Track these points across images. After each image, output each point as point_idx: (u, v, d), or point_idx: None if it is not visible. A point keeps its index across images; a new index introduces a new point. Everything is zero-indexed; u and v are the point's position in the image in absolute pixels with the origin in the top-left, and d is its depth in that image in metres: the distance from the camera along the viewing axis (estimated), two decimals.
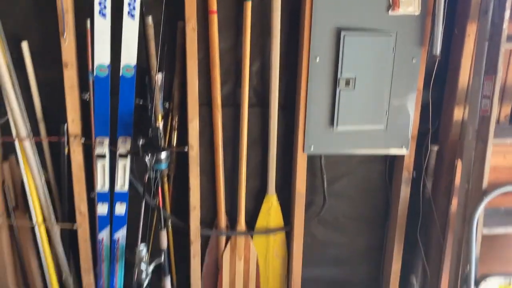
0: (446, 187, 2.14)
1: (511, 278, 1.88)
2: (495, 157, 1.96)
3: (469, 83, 2.02)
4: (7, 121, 1.94)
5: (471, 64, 1.99)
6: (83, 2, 1.87)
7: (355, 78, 1.96)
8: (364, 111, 2.01)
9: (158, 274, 2.17)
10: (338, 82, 1.95)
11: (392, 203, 2.25)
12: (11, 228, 2.08)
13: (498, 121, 2.11)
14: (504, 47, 1.72)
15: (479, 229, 1.89)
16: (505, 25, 1.70)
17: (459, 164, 2.06)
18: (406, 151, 2.10)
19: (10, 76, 1.86)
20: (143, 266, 2.03)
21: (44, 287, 2.15)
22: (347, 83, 1.96)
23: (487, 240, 2.10)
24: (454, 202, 2.09)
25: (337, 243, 2.33)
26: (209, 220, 2.23)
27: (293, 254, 2.23)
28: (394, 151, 2.11)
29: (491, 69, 1.77)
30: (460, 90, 2.04)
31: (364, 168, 2.24)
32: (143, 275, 2.05)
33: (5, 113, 1.94)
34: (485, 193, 1.85)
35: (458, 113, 2.07)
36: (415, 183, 2.18)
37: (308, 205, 2.23)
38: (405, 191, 2.16)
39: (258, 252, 2.25)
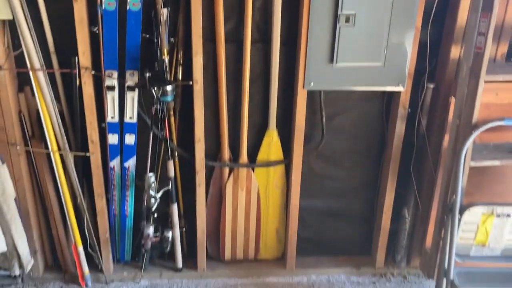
0: (440, 124, 2.23)
1: (493, 207, 2.00)
2: (487, 95, 2.04)
3: (467, 22, 2.06)
4: (22, 54, 2.03)
5: (470, 3, 2.02)
6: None
7: (355, 15, 2.01)
8: (363, 48, 2.07)
9: (166, 202, 2.34)
10: (338, 19, 2.01)
11: (388, 139, 2.35)
12: (28, 155, 2.23)
13: (494, 60, 2.17)
14: None
15: (467, 161, 2.00)
16: None
17: (453, 102, 2.14)
18: (402, 88, 2.18)
19: (23, 9, 1.94)
20: (152, 192, 2.20)
21: (61, 210, 2.32)
22: (347, 19, 2.01)
23: (476, 174, 2.21)
24: (447, 138, 2.19)
25: (334, 176, 2.46)
26: (213, 152, 2.35)
27: (291, 186, 2.36)
28: (391, 88, 2.18)
29: (488, 6, 1.81)
30: (458, 29, 2.08)
31: (362, 105, 2.32)
32: (152, 200, 2.22)
33: (19, 46, 2.03)
34: (474, 127, 1.94)
35: (455, 52, 2.13)
36: (411, 119, 2.27)
37: (307, 140, 2.34)
38: (400, 127, 2.26)
39: (259, 183, 2.39)
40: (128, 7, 1.98)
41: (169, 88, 2.03)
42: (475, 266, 2.15)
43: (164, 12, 2.01)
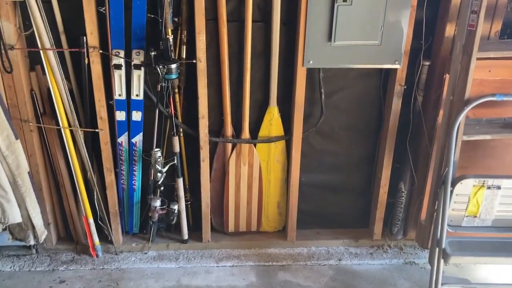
0: (435, 100, 2.31)
1: (484, 179, 2.09)
2: (480, 71, 2.11)
3: (461, 1, 2.11)
4: (32, 34, 2.12)
5: None
6: None
7: None
8: (360, 26, 2.14)
9: (172, 177, 2.45)
10: None
11: (385, 115, 2.44)
12: (40, 132, 2.34)
13: (488, 37, 2.23)
14: None
15: (459, 135, 2.08)
16: None
17: (447, 78, 2.21)
18: (399, 66, 2.25)
19: None
20: (158, 166, 2.30)
21: (72, 184, 2.43)
22: None
23: (470, 149, 2.30)
24: (442, 114, 2.26)
25: (333, 151, 2.55)
26: (216, 128, 2.45)
27: (292, 160, 2.46)
28: (387, 65, 2.26)
29: None
30: (453, 7, 2.14)
31: (360, 82, 2.40)
32: (159, 174, 2.33)
33: (30, 26, 2.12)
34: (467, 102, 2.02)
35: (450, 30, 2.19)
36: (407, 96, 2.35)
37: (307, 116, 2.43)
38: (396, 104, 2.34)
39: (261, 158, 2.49)
40: None
41: (173, 66, 2.12)
42: (466, 235, 2.25)
43: None
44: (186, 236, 2.62)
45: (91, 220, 2.47)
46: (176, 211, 2.47)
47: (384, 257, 2.63)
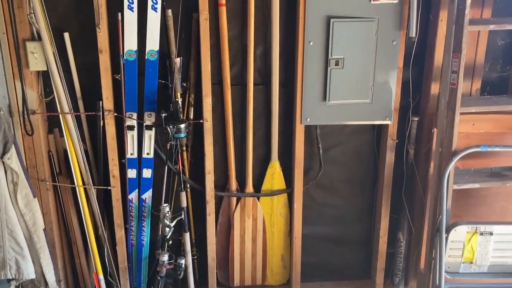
0: (426, 153, 2.47)
1: (477, 226, 2.20)
2: (465, 125, 2.30)
3: (443, 62, 2.33)
4: (53, 99, 2.32)
5: (444, 45, 2.30)
6: None
7: (343, 59, 2.29)
8: (352, 87, 2.35)
9: (179, 232, 2.55)
10: (329, 62, 2.29)
11: (380, 168, 2.59)
12: (55, 190, 2.47)
13: (470, 94, 2.44)
14: (467, 29, 2.03)
15: (450, 185, 2.21)
16: (467, 10, 2.00)
17: (435, 132, 2.38)
18: (389, 122, 2.43)
19: (55, 61, 2.24)
20: (166, 221, 2.41)
21: (84, 240, 2.53)
22: (337, 63, 2.30)
23: (463, 198, 2.43)
24: (433, 165, 2.41)
25: (332, 204, 2.68)
26: (222, 184, 2.59)
27: (294, 213, 2.58)
28: (379, 122, 2.44)
29: (458, 48, 2.08)
30: (436, 68, 2.36)
31: (355, 137, 2.58)
32: (167, 229, 2.43)
33: (51, 93, 2.32)
34: (454, 154, 2.17)
35: (435, 88, 2.39)
36: (400, 150, 2.51)
37: (307, 170, 2.57)
38: (390, 157, 2.50)
39: (264, 211, 2.61)
40: (146, 57, 2.28)
41: (182, 126, 2.29)
42: (465, 282, 2.32)
43: (177, 61, 2.30)
44: None
45: (101, 276, 2.53)
46: (183, 266, 2.54)
47: None
